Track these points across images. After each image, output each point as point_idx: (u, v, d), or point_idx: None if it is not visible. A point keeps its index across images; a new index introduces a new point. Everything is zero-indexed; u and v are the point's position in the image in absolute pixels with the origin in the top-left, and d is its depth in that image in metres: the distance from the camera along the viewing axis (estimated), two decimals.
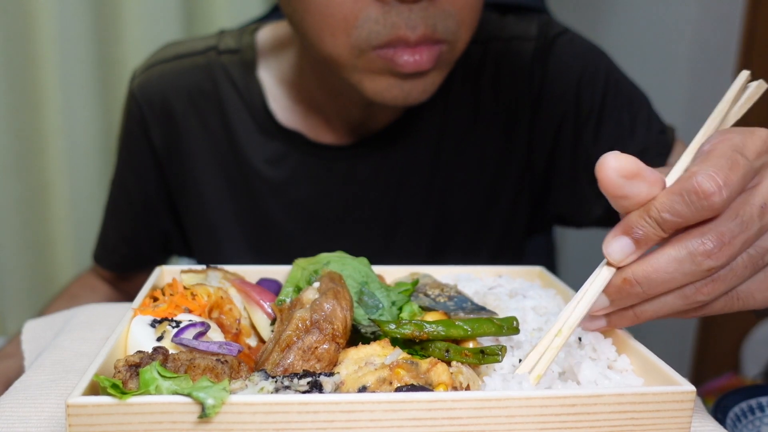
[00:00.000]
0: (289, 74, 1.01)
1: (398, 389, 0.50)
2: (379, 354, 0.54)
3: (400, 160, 1.01)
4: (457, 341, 0.58)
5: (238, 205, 1.04)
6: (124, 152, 1.08)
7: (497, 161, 1.03)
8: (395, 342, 0.56)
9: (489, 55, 1.01)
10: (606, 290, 0.54)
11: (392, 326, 0.56)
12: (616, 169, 0.50)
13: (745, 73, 0.57)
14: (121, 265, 1.14)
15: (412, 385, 0.50)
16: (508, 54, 1.01)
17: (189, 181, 1.04)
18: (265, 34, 1.05)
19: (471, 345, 0.59)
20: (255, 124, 1.01)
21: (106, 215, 1.14)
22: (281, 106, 1.01)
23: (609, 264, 0.54)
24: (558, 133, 1.01)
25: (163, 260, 1.14)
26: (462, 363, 0.54)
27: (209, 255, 1.05)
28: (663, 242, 0.52)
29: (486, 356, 0.54)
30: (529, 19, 1.03)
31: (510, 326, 0.59)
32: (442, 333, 0.57)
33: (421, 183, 1.03)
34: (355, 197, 1.02)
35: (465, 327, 0.57)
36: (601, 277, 0.54)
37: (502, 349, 0.55)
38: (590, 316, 0.57)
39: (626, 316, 0.56)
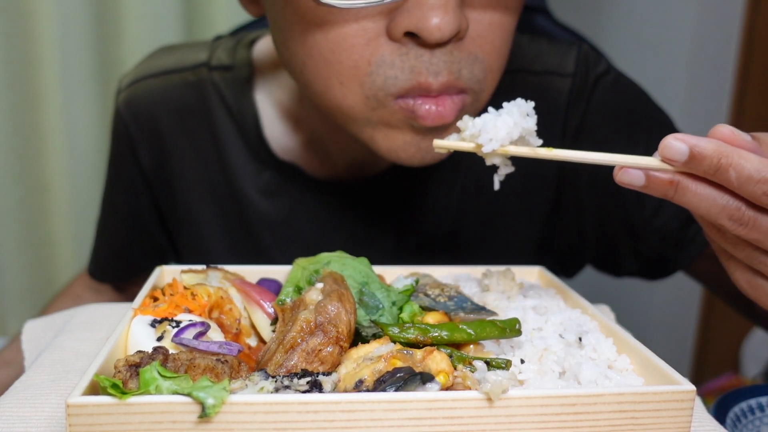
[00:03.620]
0: (288, 99, 0.92)
1: (396, 370, 0.49)
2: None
3: (407, 203, 0.93)
4: (459, 345, 0.58)
5: (231, 234, 0.98)
6: (113, 171, 1.03)
7: (518, 210, 0.94)
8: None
9: (516, 88, 0.88)
10: (647, 173, 0.55)
11: (395, 330, 0.56)
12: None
13: None
14: (117, 278, 1.10)
15: (408, 367, 0.50)
16: (539, 91, 0.90)
17: (180, 205, 0.98)
18: (263, 48, 0.96)
19: (472, 348, 0.59)
20: (248, 152, 0.94)
21: (98, 232, 1.09)
22: (277, 134, 0.93)
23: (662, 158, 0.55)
24: (594, 188, 0.92)
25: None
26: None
27: None
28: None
29: (490, 368, 0.54)
30: (565, 49, 0.92)
31: (512, 328, 0.59)
32: (446, 337, 0.57)
33: (428, 228, 0.94)
34: (354, 238, 0.94)
35: (468, 330, 0.57)
36: (647, 158, 0.56)
37: (507, 364, 0.54)
38: (625, 169, 0.57)
39: (665, 185, 0.56)
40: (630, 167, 0.56)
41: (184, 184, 0.97)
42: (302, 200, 0.94)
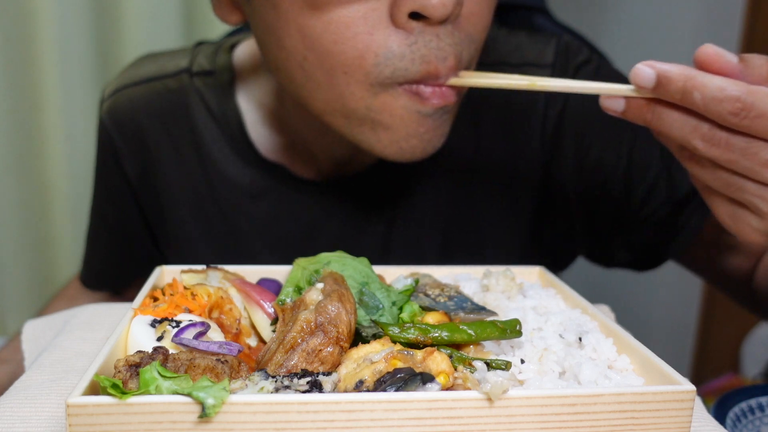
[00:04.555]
0: (269, 100, 0.93)
1: (396, 371, 0.49)
2: (378, 351, 0.54)
3: (392, 200, 0.93)
4: (460, 346, 0.58)
5: (217, 240, 0.98)
6: (99, 182, 1.03)
7: (503, 202, 0.95)
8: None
9: None
10: (626, 99, 0.60)
11: (396, 330, 0.56)
12: (706, 63, 0.56)
13: None
14: (109, 287, 1.10)
15: (409, 367, 0.50)
16: None
17: (166, 211, 0.98)
18: (243, 52, 0.96)
19: (472, 348, 0.59)
20: (234, 154, 0.94)
21: (88, 242, 1.09)
22: (262, 136, 0.94)
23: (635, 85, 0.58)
24: (579, 179, 0.92)
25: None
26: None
27: None
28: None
29: (490, 368, 0.54)
30: (545, 40, 0.92)
31: (513, 329, 0.59)
32: (446, 338, 0.56)
33: (415, 223, 0.95)
34: (342, 236, 0.95)
35: (469, 331, 0.57)
36: (624, 86, 0.60)
37: (507, 365, 0.54)
38: (608, 97, 0.61)
39: (643, 110, 0.60)
40: (611, 96, 0.60)
41: (169, 190, 0.97)
42: (289, 200, 0.94)
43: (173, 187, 0.96)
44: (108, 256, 1.07)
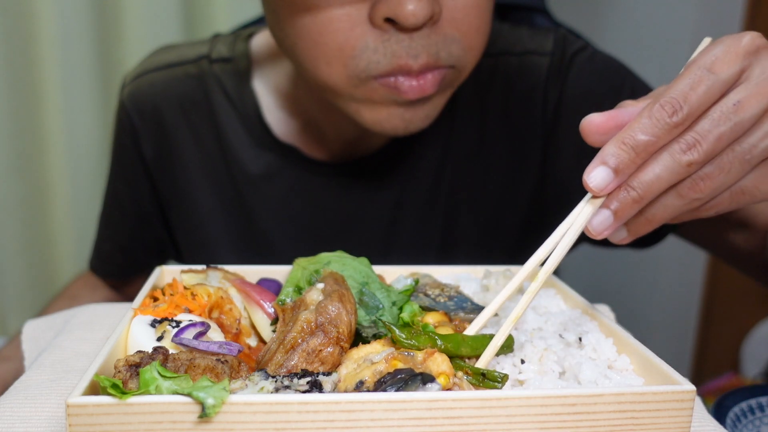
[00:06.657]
0: (284, 85, 0.97)
1: (396, 371, 0.49)
2: (378, 352, 0.54)
3: (400, 181, 0.97)
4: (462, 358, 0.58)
5: (231, 220, 1.01)
6: (116, 163, 1.05)
7: (506, 184, 0.99)
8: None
9: (499, 70, 0.96)
10: (605, 204, 0.56)
11: (402, 335, 0.56)
12: (598, 133, 0.57)
13: (707, 40, 0.60)
14: (117, 274, 1.12)
15: (409, 368, 0.50)
16: (520, 70, 0.96)
17: (180, 194, 1.01)
18: (260, 41, 1.01)
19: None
20: (249, 137, 0.98)
21: (100, 225, 1.11)
22: (276, 119, 0.98)
23: (593, 197, 0.56)
24: (577, 159, 0.95)
25: (161, 264, 1.14)
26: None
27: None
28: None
29: (485, 380, 0.54)
30: (544, 33, 0.98)
31: (509, 347, 0.59)
32: (451, 349, 0.56)
33: (421, 204, 0.98)
34: (351, 216, 0.98)
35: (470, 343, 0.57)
36: (584, 211, 0.57)
37: (504, 378, 0.54)
38: (592, 223, 0.57)
39: (640, 222, 0.58)
40: (593, 222, 0.56)
41: (186, 173, 1.00)
42: (301, 181, 0.98)
43: (190, 168, 1.00)
44: (120, 239, 1.09)
